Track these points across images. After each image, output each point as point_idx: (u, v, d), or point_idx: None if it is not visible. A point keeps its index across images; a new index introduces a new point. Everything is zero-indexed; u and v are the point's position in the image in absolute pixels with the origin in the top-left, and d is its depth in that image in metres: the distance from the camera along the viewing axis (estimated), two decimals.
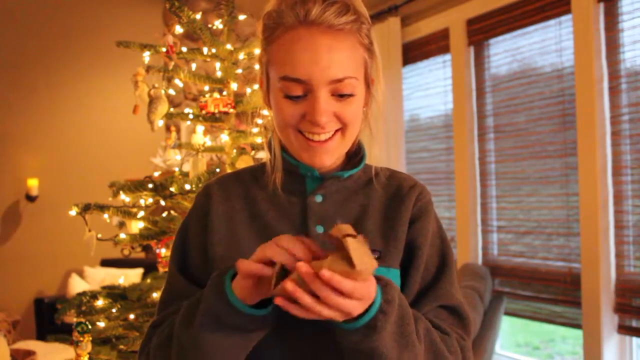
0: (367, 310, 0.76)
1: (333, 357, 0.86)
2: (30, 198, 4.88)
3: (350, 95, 0.88)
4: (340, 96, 0.87)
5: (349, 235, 0.71)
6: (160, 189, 2.17)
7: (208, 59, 2.39)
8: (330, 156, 0.91)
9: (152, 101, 2.21)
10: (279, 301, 0.73)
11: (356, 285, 0.71)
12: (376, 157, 1.01)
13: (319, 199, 0.95)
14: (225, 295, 0.78)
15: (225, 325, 0.79)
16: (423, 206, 0.98)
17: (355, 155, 1.00)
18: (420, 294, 0.94)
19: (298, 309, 0.72)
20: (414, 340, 0.81)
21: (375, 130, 0.99)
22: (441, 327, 0.91)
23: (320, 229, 0.93)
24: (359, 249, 0.71)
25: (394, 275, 0.93)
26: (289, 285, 0.70)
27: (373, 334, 0.76)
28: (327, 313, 0.72)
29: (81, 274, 4.82)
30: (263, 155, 1.03)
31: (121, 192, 2.23)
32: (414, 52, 4.43)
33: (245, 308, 0.78)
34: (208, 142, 2.37)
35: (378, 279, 0.79)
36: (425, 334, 0.86)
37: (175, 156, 2.53)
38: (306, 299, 0.71)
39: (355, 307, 0.73)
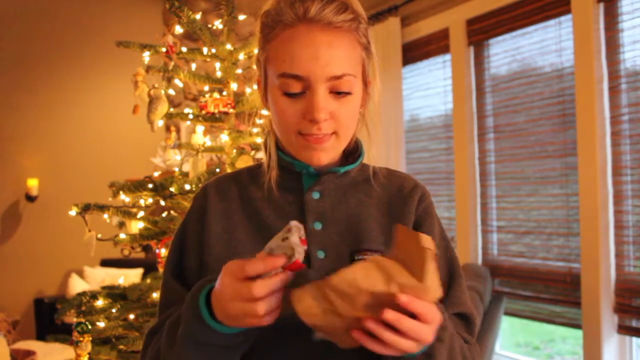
0: None
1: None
2: (30, 198, 4.88)
3: (348, 94, 0.88)
4: (338, 94, 0.87)
5: (430, 249, 0.67)
6: (160, 189, 2.17)
7: (208, 59, 2.39)
8: (326, 154, 0.91)
9: (152, 101, 2.21)
10: (357, 335, 0.70)
11: (429, 306, 0.69)
12: (374, 157, 1.01)
13: (316, 195, 0.95)
14: (201, 316, 0.78)
15: (204, 344, 0.79)
16: (427, 208, 0.99)
17: (352, 152, 1.00)
18: None
19: (378, 345, 0.70)
20: None
21: (372, 130, 0.99)
22: (464, 337, 0.93)
23: (318, 226, 0.93)
24: (435, 267, 0.68)
25: None
26: (370, 323, 0.68)
27: None
28: (406, 346, 0.70)
29: (81, 274, 4.82)
30: (262, 155, 1.02)
31: (121, 192, 2.23)
32: (413, 52, 4.43)
33: (221, 328, 0.77)
34: (208, 142, 2.37)
35: None
36: (461, 350, 0.87)
37: (175, 156, 2.53)
38: (387, 336, 0.69)
39: (430, 333, 0.71)
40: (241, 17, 2.46)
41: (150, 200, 2.27)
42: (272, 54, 0.89)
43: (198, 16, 2.33)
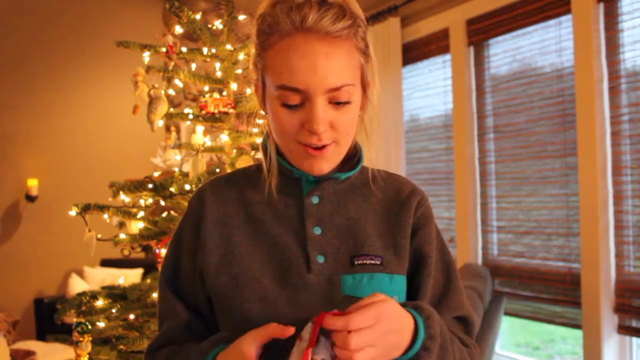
0: (411, 346, 0.78)
1: None
2: (30, 198, 4.88)
3: (347, 103, 0.87)
4: (337, 104, 0.86)
5: None
6: (160, 189, 2.17)
7: (208, 59, 2.39)
8: (327, 163, 0.91)
9: (152, 101, 2.21)
10: None
11: (350, 317, 0.73)
12: (372, 159, 1.01)
13: (315, 200, 0.94)
14: None
15: None
16: (425, 212, 0.99)
17: (351, 157, 0.99)
18: (432, 305, 0.95)
19: None
20: None
21: (371, 133, 0.98)
22: (463, 340, 0.93)
23: (317, 230, 0.92)
24: None
25: (398, 282, 0.93)
26: None
27: None
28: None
29: (81, 274, 4.82)
30: (261, 156, 1.02)
31: (121, 192, 2.23)
32: (413, 52, 4.43)
33: None
34: (208, 142, 2.37)
35: (420, 310, 0.81)
36: (460, 356, 0.88)
37: (175, 156, 2.53)
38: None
39: (371, 336, 0.74)
40: (241, 17, 2.46)
41: (150, 200, 2.27)
42: (269, 63, 0.87)
43: (198, 16, 2.33)
